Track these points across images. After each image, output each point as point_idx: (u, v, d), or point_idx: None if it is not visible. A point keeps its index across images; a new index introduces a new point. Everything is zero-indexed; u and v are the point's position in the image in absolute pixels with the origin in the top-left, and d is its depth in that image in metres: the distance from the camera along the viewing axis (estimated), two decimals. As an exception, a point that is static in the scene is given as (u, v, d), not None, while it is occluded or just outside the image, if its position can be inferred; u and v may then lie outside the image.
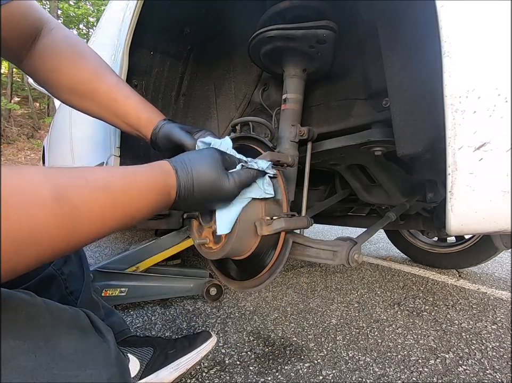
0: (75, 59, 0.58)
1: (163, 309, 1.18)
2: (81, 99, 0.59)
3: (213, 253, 0.60)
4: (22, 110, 9.96)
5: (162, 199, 0.41)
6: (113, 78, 0.59)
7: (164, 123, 0.58)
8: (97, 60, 0.60)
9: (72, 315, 0.43)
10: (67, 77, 0.57)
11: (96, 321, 0.46)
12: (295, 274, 1.68)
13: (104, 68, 0.60)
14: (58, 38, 0.58)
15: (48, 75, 0.58)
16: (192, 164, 0.44)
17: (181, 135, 0.55)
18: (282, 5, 0.68)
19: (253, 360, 0.84)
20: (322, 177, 1.31)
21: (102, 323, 0.47)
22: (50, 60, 0.57)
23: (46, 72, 0.58)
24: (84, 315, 0.45)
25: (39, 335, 0.35)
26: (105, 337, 0.45)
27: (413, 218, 1.40)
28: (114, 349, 0.44)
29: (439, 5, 0.37)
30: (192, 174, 0.43)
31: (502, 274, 1.69)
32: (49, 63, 0.57)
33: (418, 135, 0.57)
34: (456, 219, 0.39)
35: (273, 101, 0.93)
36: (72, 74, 0.57)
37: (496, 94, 0.35)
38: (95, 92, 0.58)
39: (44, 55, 0.56)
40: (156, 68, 0.86)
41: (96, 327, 0.45)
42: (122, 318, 0.81)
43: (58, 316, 0.40)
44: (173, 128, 0.56)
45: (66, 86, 0.59)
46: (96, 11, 11.15)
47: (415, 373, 0.79)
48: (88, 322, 0.44)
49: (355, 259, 0.57)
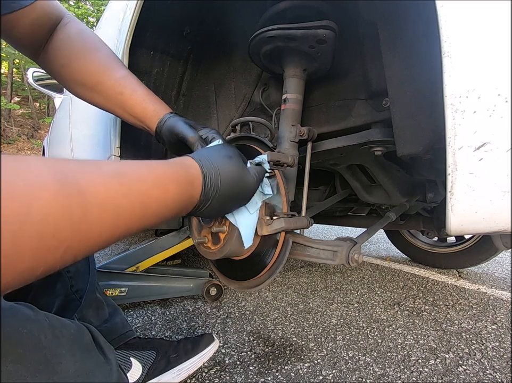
0: (86, 53, 0.59)
1: (163, 309, 1.18)
2: (90, 92, 0.60)
3: (212, 253, 0.60)
4: (22, 110, 9.96)
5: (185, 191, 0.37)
6: (122, 71, 0.60)
7: (169, 116, 0.58)
8: (107, 53, 0.61)
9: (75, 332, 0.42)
10: (77, 70, 0.59)
11: (98, 338, 0.46)
12: (295, 274, 1.68)
13: (113, 61, 0.60)
14: (72, 32, 0.59)
15: (61, 70, 0.60)
16: (215, 158, 0.42)
17: (184, 129, 0.55)
18: (282, 5, 0.67)
19: (253, 360, 0.84)
20: (322, 177, 1.31)
21: (104, 340, 0.47)
22: (63, 55, 0.58)
23: (59, 67, 0.59)
24: (87, 331, 0.44)
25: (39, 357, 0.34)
26: (107, 357, 0.44)
27: (413, 218, 1.40)
28: (115, 371, 0.44)
29: (439, 5, 0.37)
30: (218, 167, 0.41)
31: (502, 274, 1.69)
32: (62, 58, 0.58)
33: (418, 135, 0.57)
34: (456, 219, 0.39)
35: (273, 101, 0.93)
36: (81, 67, 0.58)
37: (496, 94, 0.35)
38: (103, 85, 0.58)
39: (58, 50, 0.58)
40: (156, 68, 0.86)
41: (98, 345, 0.44)
42: (125, 319, 0.81)
43: (61, 334, 0.39)
44: (178, 121, 0.56)
45: (77, 79, 0.59)
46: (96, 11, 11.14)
47: (415, 373, 0.79)
48: (90, 339, 0.44)
49: (355, 259, 0.57)
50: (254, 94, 0.96)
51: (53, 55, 0.58)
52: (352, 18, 0.69)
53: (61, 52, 0.58)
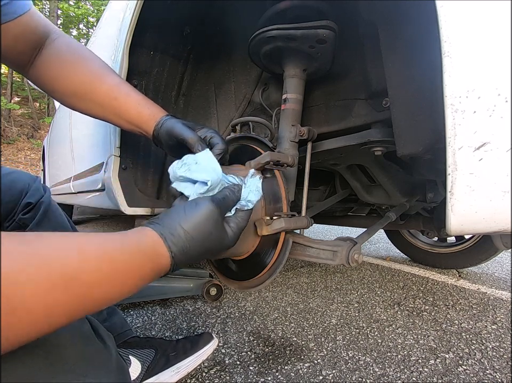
0: (77, 63, 0.58)
1: (163, 309, 1.18)
2: (83, 101, 0.60)
3: None
4: (22, 110, 9.96)
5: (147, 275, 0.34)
6: (114, 78, 0.60)
7: (166, 118, 0.57)
8: (98, 62, 0.60)
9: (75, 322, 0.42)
10: (69, 81, 0.58)
11: (97, 326, 0.45)
12: (295, 274, 1.68)
13: (105, 69, 0.60)
14: (61, 46, 0.59)
15: (53, 83, 0.59)
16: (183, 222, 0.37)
17: (183, 131, 0.54)
18: (282, 5, 0.68)
19: (253, 360, 0.84)
20: (322, 177, 1.31)
21: (103, 329, 0.47)
22: (53, 68, 0.58)
23: (51, 79, 0.59)
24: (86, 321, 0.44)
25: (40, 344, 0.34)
26: (106, 344, 0.44)
27: (413, 218, 1.40)
28: (115, 356, 0.44)
29: (439, 5, 0.37)
30: (189, 244, 0.37)
31: (502, 274, 1.69)
32: (53, 71, 0.58)
33: (418, 135, 0.57)
34: (456, 219, 0.39)
35: (273, 101, 0.93)
36: (74, 77, 0.58)
37: (496, 94, 0.35)
38: (96, 92, 0.58)
39: (49, 63, 0.58)
40: (156, 68, 0.86)
41: (97, 333, 0.44)
42: (124, 319, 0.81)
43: None
44: (175, 123, 0.55)
45: (70, 90, 0.59)
46: (96, 11, 11.14)
47: (415, 373, 0.79)
48: (89, 328, 0.44)
49: (355, 259, 0.57)
50: (254, 94, 0.96)
51: (44, 68, 0.58)
52: (352, 18, 0.69)
53: (52, 65, 0.58)
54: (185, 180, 0.46)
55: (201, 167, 0.45)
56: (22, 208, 0.67)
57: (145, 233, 0.36)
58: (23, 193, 0.68)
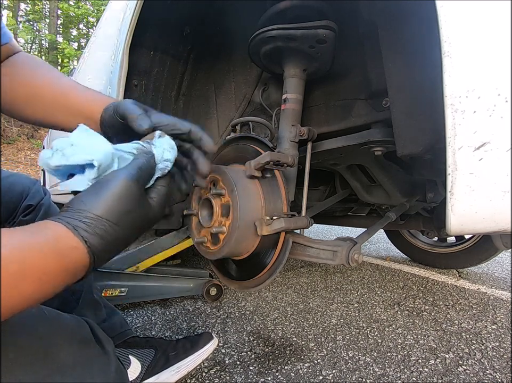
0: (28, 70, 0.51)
1: (163, 309, 1.18)
2: (30, 106, 0.51)
3: (211, 253, 0.60)
4: (22, 110, 9.95)
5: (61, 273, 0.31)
6: (62, 77, 0.52)
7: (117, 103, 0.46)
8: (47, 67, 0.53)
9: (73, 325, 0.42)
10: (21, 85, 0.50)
11: (96, 330, 0.45)
12: (295, 274, 1.68)
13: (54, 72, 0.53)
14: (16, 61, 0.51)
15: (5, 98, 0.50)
16: (99, 214, 0.31)
17: (127, 107, 0.42)
18: (282, 5, 0.68)
19: (253, 360, 0.84)
20: (322, 177, 1.31)
21: (103, 333, 0.47)
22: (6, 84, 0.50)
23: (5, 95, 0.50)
24: (86, 325, 0.44)
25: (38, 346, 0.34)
26: (105, 348, 0.44)
27: (413, 218, 1.40)
28: (114, 361, 0.44)
29: (439, 5, 0.37)
30: (107, 230, 0.32)
31: (502, 274, 1.69)
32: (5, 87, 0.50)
33: (418, 135, 0.57)
34: (456, 219, 0.39)
35: (273, 101, 0.93)
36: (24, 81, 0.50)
37: (496, 94, 0.35)
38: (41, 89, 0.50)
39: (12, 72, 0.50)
40: (156, 68, 0.86)
41: (97, 337, 0.44)
42: (124, 319, 0.81)
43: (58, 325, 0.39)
44: (124, 101, 0.45)
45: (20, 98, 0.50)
46: (96, 11, 11.14)
47: (415, 373, 0.79)
48: (89, 332, 0.44)
49: (355, 259, 0.57)
50: (254, 94, 0.96)
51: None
52: (352, 18, 0.69)
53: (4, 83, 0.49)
54: (66, 171, 0.36)
55: (78, 148, 0.35)
56: (23, 210, 0.67)
57: (44, 227, 0.30)
58: (23, 196, 0.68)
